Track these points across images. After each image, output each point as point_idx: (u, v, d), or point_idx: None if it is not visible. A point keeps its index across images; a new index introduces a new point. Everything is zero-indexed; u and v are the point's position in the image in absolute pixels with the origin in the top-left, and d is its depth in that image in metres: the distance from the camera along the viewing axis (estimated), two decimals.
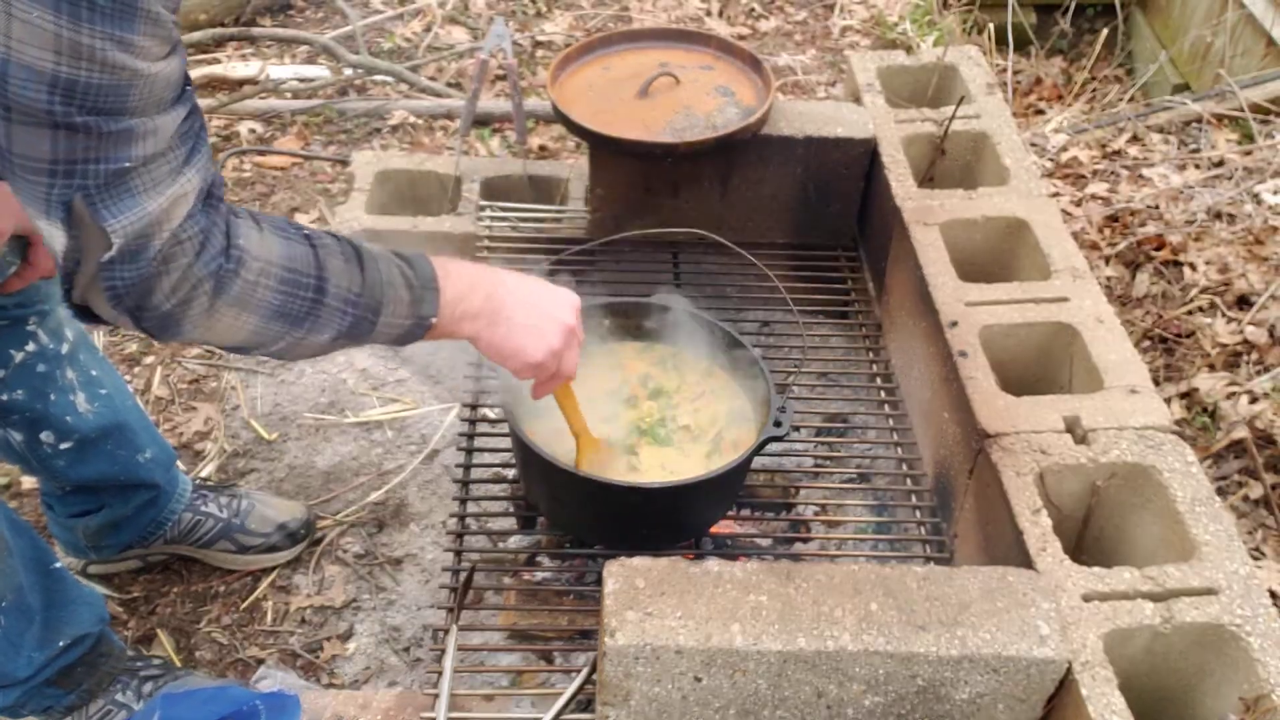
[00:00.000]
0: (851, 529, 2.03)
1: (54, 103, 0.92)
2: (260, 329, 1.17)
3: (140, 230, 1.03)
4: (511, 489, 1.93)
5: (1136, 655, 1.42)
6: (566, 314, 1.43)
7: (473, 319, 1.35)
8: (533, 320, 1.39)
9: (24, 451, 1.72)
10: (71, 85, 0.92)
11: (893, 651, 1.33)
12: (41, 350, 1.64)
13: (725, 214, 2.41)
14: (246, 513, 2.04)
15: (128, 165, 1.00)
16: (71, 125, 0.95)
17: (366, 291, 1.23)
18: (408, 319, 1.28)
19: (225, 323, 1.14)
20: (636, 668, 1.35)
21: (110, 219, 1.01)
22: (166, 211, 1.04)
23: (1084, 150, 3.24)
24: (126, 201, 1.01)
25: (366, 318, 1.24)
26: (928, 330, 1.93)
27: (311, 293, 1.18)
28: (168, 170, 1.03)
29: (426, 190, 2.76)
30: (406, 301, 1.27)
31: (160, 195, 1.03)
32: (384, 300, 1.25)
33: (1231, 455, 2.30)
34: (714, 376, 1.86)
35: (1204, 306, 2.61)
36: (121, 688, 1.71)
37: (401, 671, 1.91)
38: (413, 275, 1.28)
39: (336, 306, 1.21)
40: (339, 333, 1.23)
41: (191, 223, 1.07)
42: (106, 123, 0.96)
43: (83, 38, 0.90)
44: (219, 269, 1.10)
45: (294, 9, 3.91)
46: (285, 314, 1.17)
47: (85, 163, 0.98)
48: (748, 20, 4.09)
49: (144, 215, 1.02)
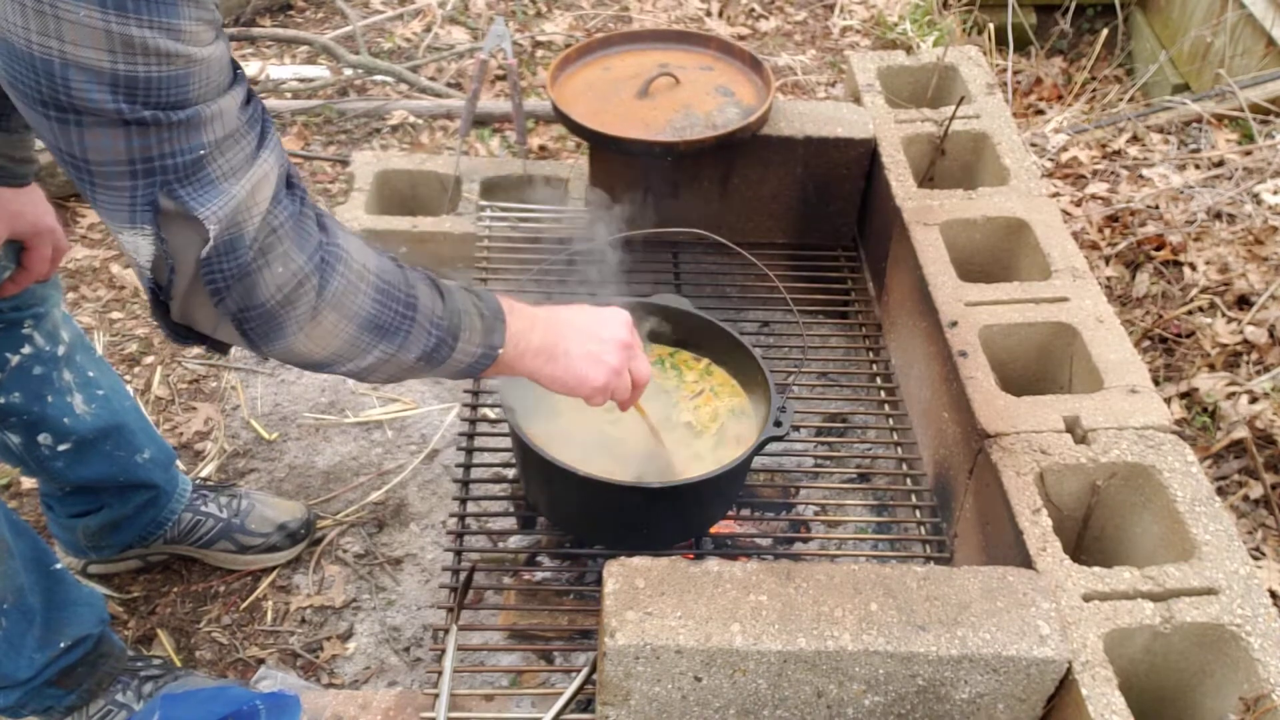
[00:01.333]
0: (851, 529, 2.04)
1: (119, 100, 0.92)
2: (355, 339, 1.16)
3: (231, 216, 1.01)
4: (511, 489, 1.93)
5: (1136, 655, 1.42)
6: (620, 331, 1.44)
7: (534, 354, 1.36)
8: (590, 347, 1.40)
9: (22, 453, 1.72)
10: (133, 81, 0.92)
11: (893, 651, 1.33)
12: (37, 353, 1.64)
13: (725, 214, 2.42)
14: (246, 513, 2.04)
15: (203, 153, 0.99)
16: (141, 121, 0.94)
17: (448, 315, 1.24)
18: (479, 347, 1.29)
19: (325, 327, 1.13)
20: (636, 667, 1.35)
21: (200, 207, 1.00)
22: (251, 194, 1.03)
23: (1084, 150, 3.25)
24: (210, 191, 1.00)
25: (447, 341, 1.24)
26: (928, 330, 1.93)
27: (404, 307, 1.18)
28: (243, 154, 1.03)
29: (426, 190, 2.76)
30: (480, 330, 1.28)
31: (241, 179, 1.02)
32: (461, 326, 1.25)
33: (1231, 455, 2.30)
34: (713, 375, 1.86)
35: (1204, 306, 2.61)
36: (122, 688, 1.71)
37: (401, 671, 1.91)
38: (483, 306, 1.30)
39: (425, 326, 1.21)
40: (423, 353, 1.22)
41: (280, 208, 1.06)
42: (173, 114, 0.95)
43: (132, 30, 0.89)
44: (321, 261, 1.10)
45: (294, 9, 3.91)
46: (380, 325, 1.16)
47: (162, 157, 0.97)
48: (748, 20, 4.09)
49: (231, 199, 1.01)
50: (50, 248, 1.56)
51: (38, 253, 1.54)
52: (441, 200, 2.74)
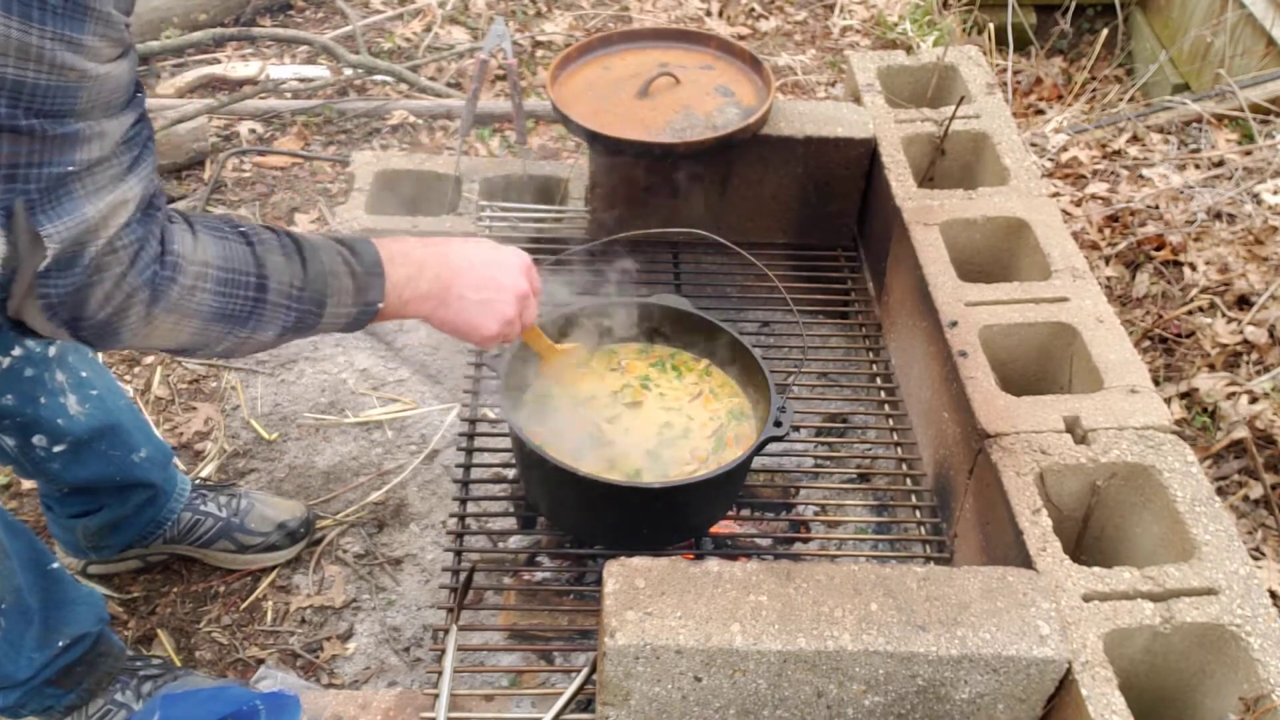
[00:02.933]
0: (851, 529, 2.04)
1: (1, 104, 0.91)
2: (201, 331, 1.16)
3: (76, 237, 1.01)
4: (511, 489, 1.93)
5: (1136, 655, 1.42)
6: (516, 278, 1.43)
7: (422, 300, 1.35)
8: (484, 294, 1.39)
9: (17, 455, 1.72)
10: (19, 87, 0.91)
11: (893, 651, 1.33)
12: (28, 354, 1.63)
13: (725, 214, 2.41)
14: (246, 512, 2.04)
15: (71, 170, 0.98)
16: (16, 128, 0.93)
17: (309, 285, 1.22)
18: (353, 306, 1.27)
19: (164, 329, 1.13)
20: (636, 668, 1.35)
21: (47, 224, 0.99)
22: (105, 218, 1.02)
23: (1084, 150, 3.25)
24: (66, 206, 0.99)
25: (311, 310, 1.23)
26: (928, 330, 1.93)
27: (253, 291, 1.17)
28: (110, 176, 1.02)
29: (426, 190, 2.76)
30: (351, 290, 1.26)
31: (100, 201, 1.01)
32: (328, 291, 1.24)
33: (1231, 455, 2.30)
34: (713, 376, 1.86)
35: (1204, 306, 2.61)
36: (121, 687, 1.71)
37: (401, 671, 1.91)
38: (356, 262, 1.27)
39: (279, 303, 1.20)
40: (284, 328, 1.22)
41: (128, 231, 1.05)
42: (52, 126, 0.95)
43: (32, 38, 0.89)
44: (154, 276, 1.09)
45: (294, 9, 3.91)
46: (227, 315, 1.16)
47: (28, 166, 0.96)
48: (748, 20, 4.09)
49: (82, 221, 1.00)
50: None
51: None
52: (441, 200, 2.74)
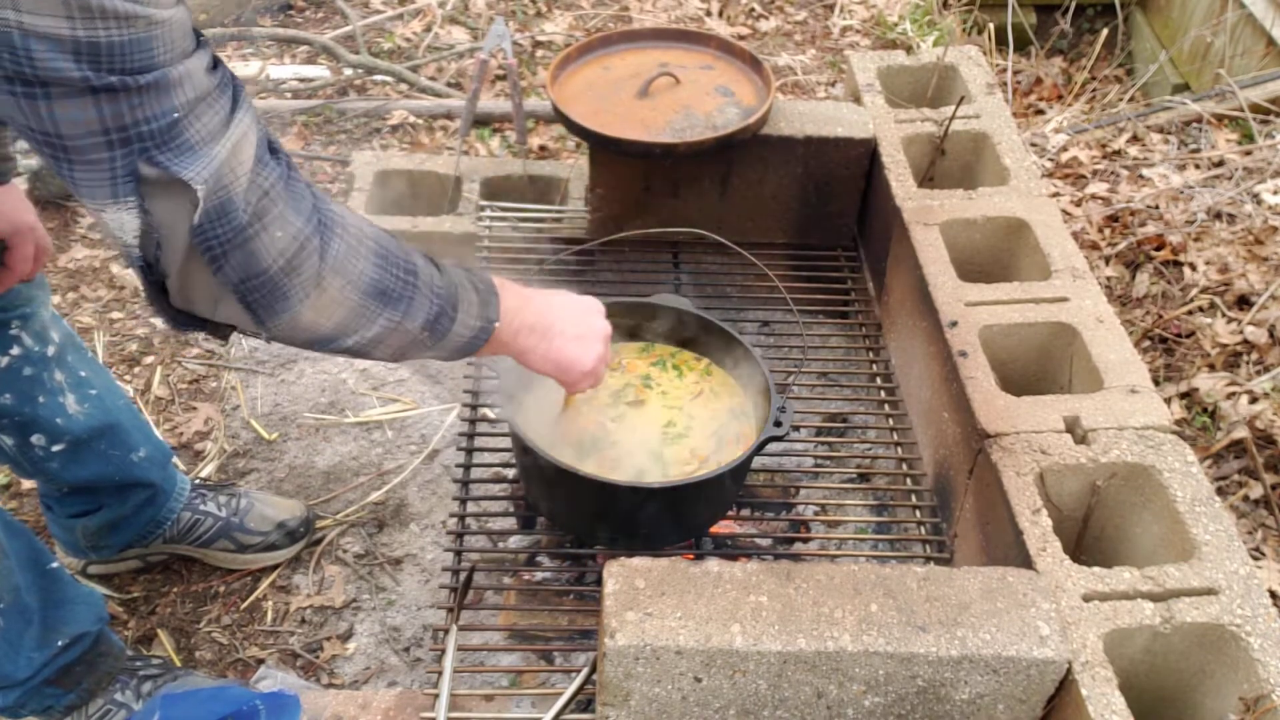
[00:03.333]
0: (851, 529, 2.04)
1: (83, 67, 0.90)
2: (361, 306, 1.14)
3: (216, 178, 0.99)
4: (511, 489, 1.93)
5: (1136, 655, 1.42)
6: (603, 322, 1.48)
7: (529, 332, 1.37)
8: (580, 330, 1.42)
9: (16, 455, 1.72)
10: (94, 47, 0.90)
11: (893, 652, 1.33)
12: (26, 354, 1.64)
13: (725, 214, 2.41)
14: (245, 511, 2.04)
15: (176, 115, 0.97)
16: (109, 87, 0.92)
17: (446, 285, 1.23)
18: (477, 319, 1.29)
19: (331, 294, 1.11)
20: (636, 668, 1.35)
21: (183, 170, 0.98)
22: (233, 154, 1.01)
23: (1084, 150, 3.25)
24: (190, 155, 0.98)
25: (448, 311, 1.24)
26: (928, 330, 1.93)
27: (404, 273, 1.17)
28: (218, 118, 1.01)
29: (427, 190, 2.76)
30: (476, 304, 1.28)
31: (220, 140, 1.00)
32: (460, 298, 1.25)
33: (1231, 455, 2.30)
34: (713, 375, 1.86)
35: (1204, 306, 2.61)
36: (121, 687, 1.71)
37: (401, 671, 1.91)
38: (477, 280, 1.29)
39: (427, 293, 1.20)
40: (427, 320, 1.21)
41: (266, 170, 1.04)
42: (139, 78, 0.94)
43: None
44: (319, 223, 1.08)
45: (294, 9, 3.91)
46: (384, 291, 1.15)
47: (136, 124, 0.95)
48: (748, 20, 4.09)
49: (213, 160, 0.99)
50: (32, 246, 1.55)
51: (19, 252, 1.53)
52: (442, 200, 2.74)
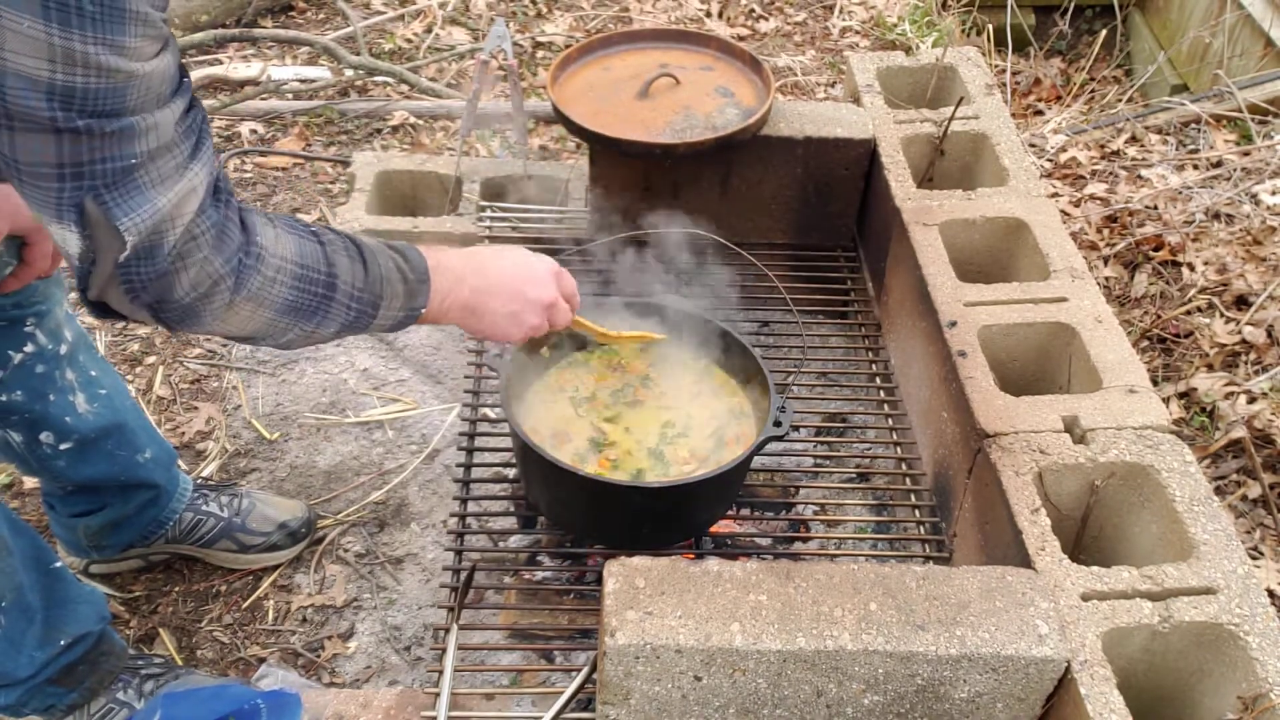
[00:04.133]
0: (851, 529, 2.04)
1: (54, 109, 0.93)
2: (273, 322, 1.21)
3: (153, 226, 1.04)
4: (512, 489, 1.94)
5: (1135, 654, 1.43)
6: (544, 290, 1.51)
7: (459, 310, 1.44)
8: (512, 307, 1.48)
9: (24, 452, 1.73)
10: (69, 91, 0.93)
11: (892, 651, 1.34)
12: (40, 351, 1.64)
13: (725, 214, 2.42)
14: (247, 512, 2.04)
15: (134, 162, 1.01)
16: (74, 129, 0.95)
17: (369, 287, 1.29)
18: (401, 310, 1.35)
19: (242, 316, 1.18)
20: (637, 667, 1.36)
21: (123, 217, 1.02)
22: (177, 206, 1.06)
23: (1082, 151, 3.25)
24: (137, 199, 1.02)
25: (367, 311, 1.30)
26: (927, 330, 1.93)
27: (322, 289, 1.24)
28: (174, 165, 1.05)
29: (427, 190, 2.77)
30: (402, 294, 1.34)
31: (169, 190, 1.05)
32: (383, 294, 1.31)
33: (1230, 455, 2.30)
34: (712, 375, 1.87)
35: (1202, 307, 2.62)
36: (123, 686, 1.71)
37: (402, 670, 1.92)
38: (408, 269, 1.35)
39: (344, 302, 1.26)
40: (343, 325, 1.29)
41: (204, 217, 1.09)
42: (107, 123, 0.97)
43: (74, 44, 0.91)
44: (239, 265, 1.14)
45: (295, 10, 3.91)
46: (298, 309, 1.22)
47: (92, 163, 0.99)
48: (747, 21, 4.10)
49: (155, 211, 1.04)
50: (51, 243, 1.56)
51: (39, 248, 1.54)
52: (442, 201, 2.74)
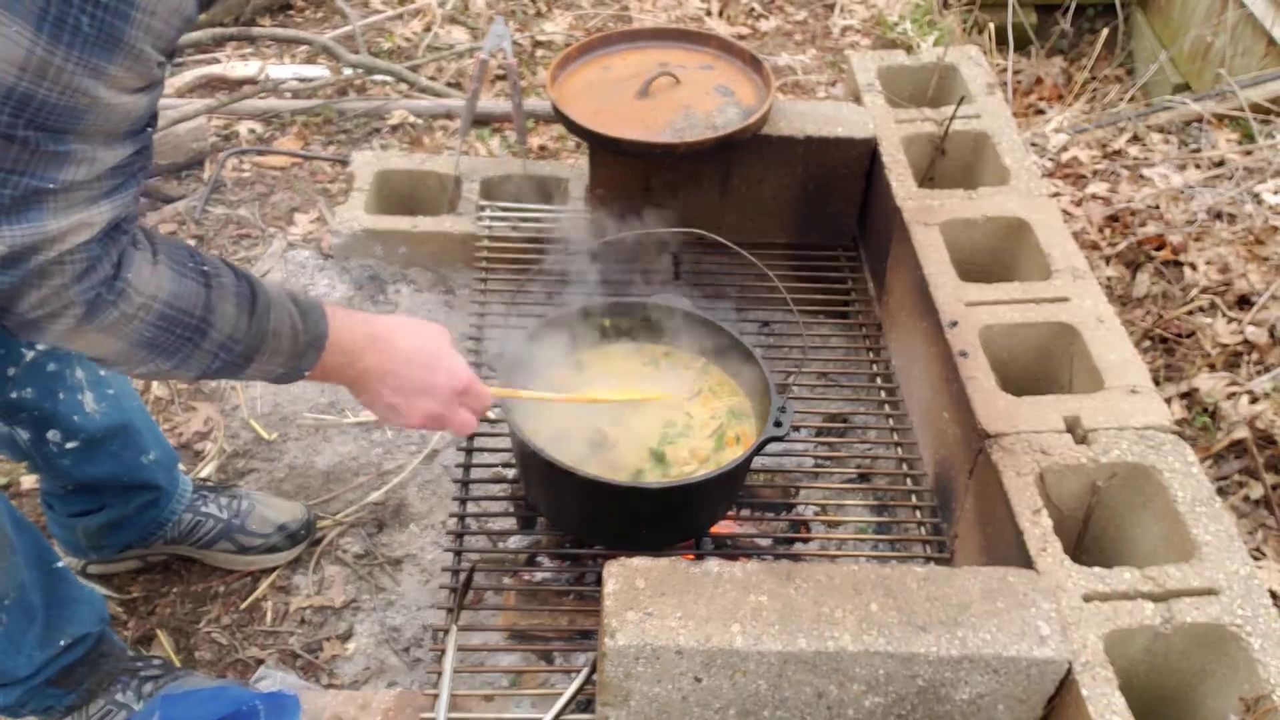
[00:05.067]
0: (851, 529, 2.04)
1: (2, 112, 0.90)
2: (125, 353, 1.15)
3: (30, 244, 1.00)
4: (511, 489, 1.93)
5: (1137, 655, 1.42)
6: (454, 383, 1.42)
7: (348, 380, 1.38)
8: (398, 398, 1.40)
9: (29, 449, 1.72)
10: (26, 99, 0.90)
11: (893, 652, 1.33)
12: (52, 349, 1.64)
13: (725, 214, 2.41)
14: (246, 513, 2.04)
15: (49, 187, 0.97)
16: (10, 137, 0.92)
17: (247, 339, 1.23)
18: (281, 368, 1.29)
19: (89, 341, 1.12)
20: (636, 668, 1.35)
21: (5, 229, 0.98)
22: (64, 235, 1.01)
23: (1084, 150, 3.24)
24: (29, 215, 0.98)
25: (237, 363, 1.24)
26: (928, 330, 1.93)
27: (190, 333, 1.17)
28: (83, 199, 1.01)
29: (426, 190, 2.76)
30: (285, 353, 1.27)
31: (65, 219, 1.00)
32: (262, 349, 1.25)
33: (1232, 455, 2.30)
34: (710, 375, 1.86)
35: (1204, 306, 2.61)
36: (122, 688, 1.71)
37: (401, 672, 1.91)
38: (302, 331, 1.28)
39: (211, 350, 1.20)
40: (205, 371, 1.22)
41: (83, 249, 1.04)
42: (47, 141, 0.94)
43: (55, 60, 0.89)
44: (96, 298, 1.08)
45: (293, 9, 3.91)
46: (155, 346, 1.16)
47: (8, 173, 0.95)
48: (748, 20, 4.09)
49: (39, 233, 0.99)
50: None
51: None
52: (441, 200, 2.73)
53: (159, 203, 2.92)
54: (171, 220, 2.84)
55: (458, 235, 2.57)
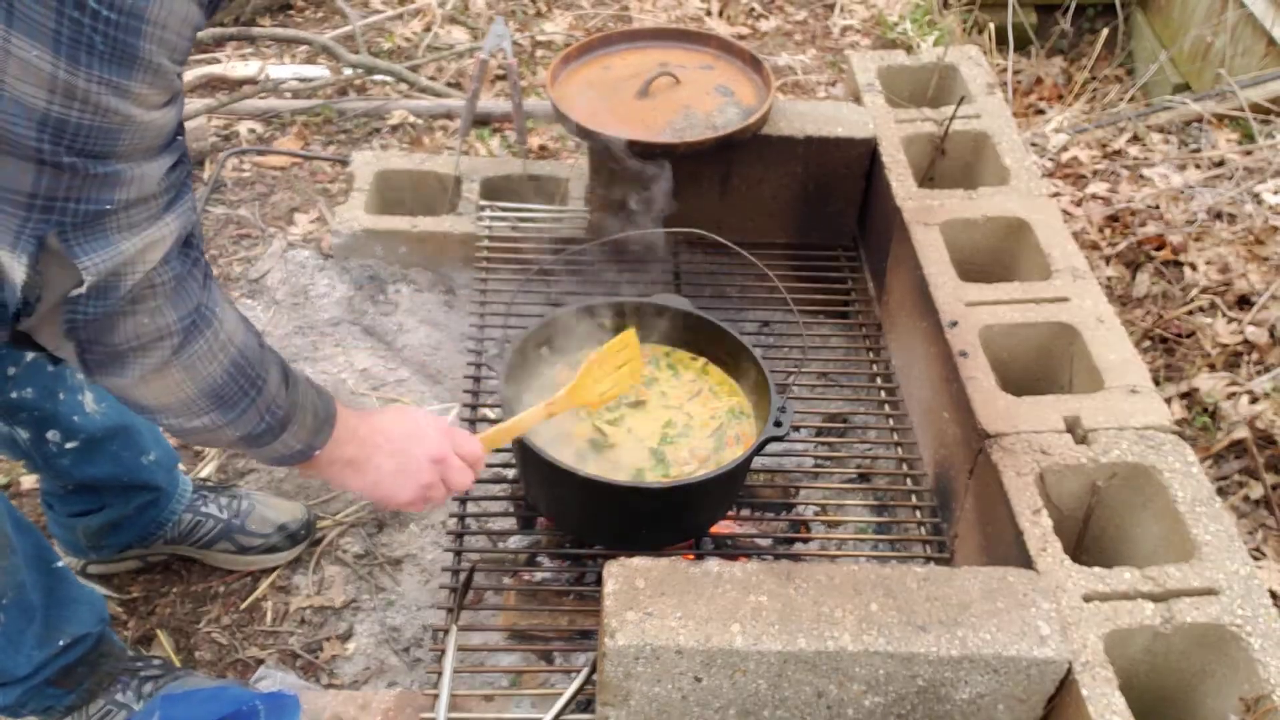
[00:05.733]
0: (851, 529, 2.03)
1: (43, 140, 0.91)
2: (192, 401, 1.16)
3: (113, 269, 1.02)
4: (511, 489, 1.93)
5: (1137, 655, 1.42)
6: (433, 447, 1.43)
7: (343, 465, 1.37)
8: (397, 464, 1.40)
9: (29, 449, 1.72)
10: (62, 125, 0.91)
11: (893, 652, 1.33)
12: None
13: (725, 214, 2.41)
14: (246, 513, 2.04)
15: (108, 208, 0.99)
16: (58, 164, 0.93)
17: (287, 407, 1.25)
18: (301, 444, 1.30)
19: (168, 383, 1.14)
20: (636, 668, 1.35)
21: (83, 256, 1.00)
22: (141, 254, 1.03)
23: (1084, 150, 3.24)
24: (100, 241, 1.00)
25: (275, 430, 1.25)
26: (928, 330, 1.93)
27: (251, 386, 1.19)
28: (147, 215, 1.03)
29: (426, 190, 2.76)
30: (309, 429, 1.29)
31: (136, 237, 1.02)
32: (294, 420, 1.27)
33: (1232, 455, 2.30)
34: (710, 375, 1.86)
35: (1204, 306, 2.61)
36: (121, 688, 1.71)
37: (401, 672, 1.91)
38: (320, 406, 1.31)
39: (262, 409, 1.22)
40: (249, 434, 1.24)
41: (166, 268, 1.06)
42: (93, 165, 0.95)
43: (79, 81, 0.89)
44: (191, 324, 1.11)
45: (294, 9, 3.91)
46: (222, 397, 1.17)
47: (66, 201, 0.96)
48: (748, 20, 4.09)
49: (117, 255, 1.01)
50: None
51: None
52: (441, 200, 2.73)
53: None
54: None
55: (458, 235, 2.57)
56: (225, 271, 2.69)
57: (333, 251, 2.67)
